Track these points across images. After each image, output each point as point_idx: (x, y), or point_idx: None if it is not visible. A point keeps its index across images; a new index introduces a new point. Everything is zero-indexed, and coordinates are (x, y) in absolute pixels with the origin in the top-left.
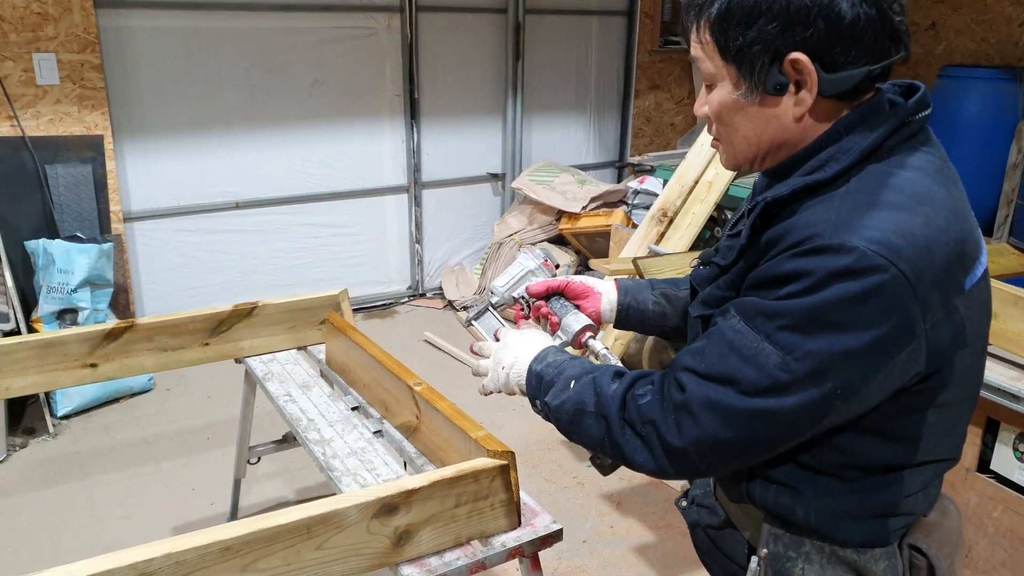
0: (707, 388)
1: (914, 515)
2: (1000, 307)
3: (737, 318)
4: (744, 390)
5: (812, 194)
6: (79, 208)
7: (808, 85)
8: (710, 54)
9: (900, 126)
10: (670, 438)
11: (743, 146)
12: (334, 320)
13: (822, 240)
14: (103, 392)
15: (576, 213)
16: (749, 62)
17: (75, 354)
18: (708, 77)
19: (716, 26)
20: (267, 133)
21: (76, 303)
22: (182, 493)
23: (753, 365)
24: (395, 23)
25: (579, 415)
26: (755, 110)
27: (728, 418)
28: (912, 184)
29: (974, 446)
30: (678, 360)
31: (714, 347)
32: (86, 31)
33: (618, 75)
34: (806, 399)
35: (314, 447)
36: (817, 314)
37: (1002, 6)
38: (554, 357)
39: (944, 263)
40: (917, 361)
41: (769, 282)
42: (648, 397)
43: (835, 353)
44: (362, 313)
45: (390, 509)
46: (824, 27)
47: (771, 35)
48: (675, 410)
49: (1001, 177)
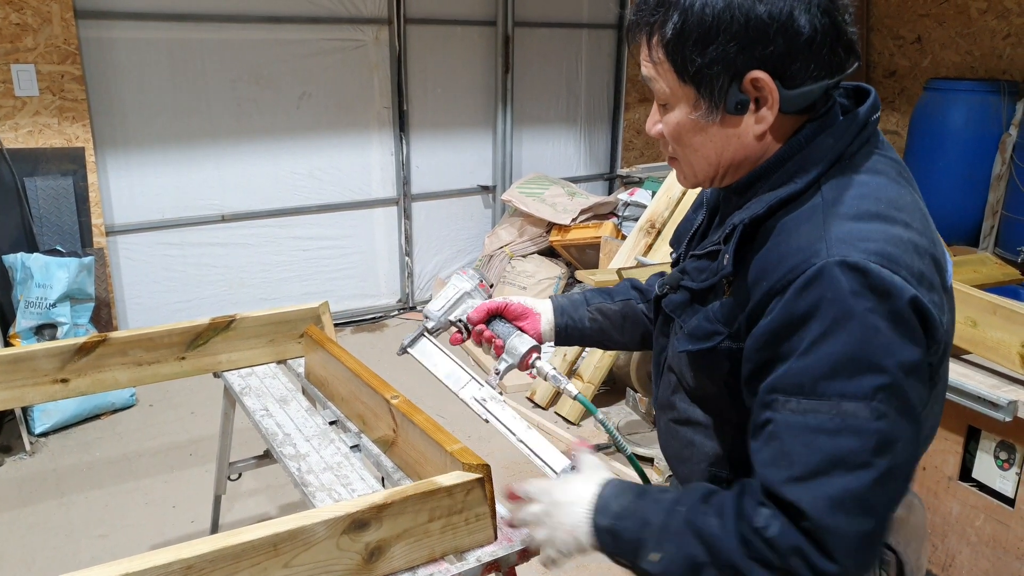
0: (818, 487)
1: None
2: (980, 315)
3: (795, 400)
4: (855, 463)
5: (785, 207)
6: (59, 221)
7: (769, 103)
8: (664, 75)
9: (860, 130)
10: (824, 566)
11: (703, 165)
12: (312, 333)
13: (821, 260)
14: (83, 409)
15: (566, 225)
16: (708, 82)
17: (45, 369)
18: (662, 97)
19: (671, 47)
20: (254, 145)
21: (55, 318)
22: (162, 510)
23: (847, 433)
24: (383, 35)
25: (692, 570)
26: (715, 130)
27: (861, 506)
28: (883, 190)
29: (956, 454)
30: (767, 480)
31: (793, 442)
32: (66, 42)
33: (608, 88)
34: (908, 433)
35: (289, 462)
36: (867, 345)
37: (986, 20)
38: (617, 504)
39: (929, 264)
40: (938, 353)
41: (789, 328)
42: (776, 526)
43: (906, 372)
44: (351, 326)
45: (360, 525)
46: (783, 43)
47: (730, 54)
48: (813, 537)
49: (986, 188)
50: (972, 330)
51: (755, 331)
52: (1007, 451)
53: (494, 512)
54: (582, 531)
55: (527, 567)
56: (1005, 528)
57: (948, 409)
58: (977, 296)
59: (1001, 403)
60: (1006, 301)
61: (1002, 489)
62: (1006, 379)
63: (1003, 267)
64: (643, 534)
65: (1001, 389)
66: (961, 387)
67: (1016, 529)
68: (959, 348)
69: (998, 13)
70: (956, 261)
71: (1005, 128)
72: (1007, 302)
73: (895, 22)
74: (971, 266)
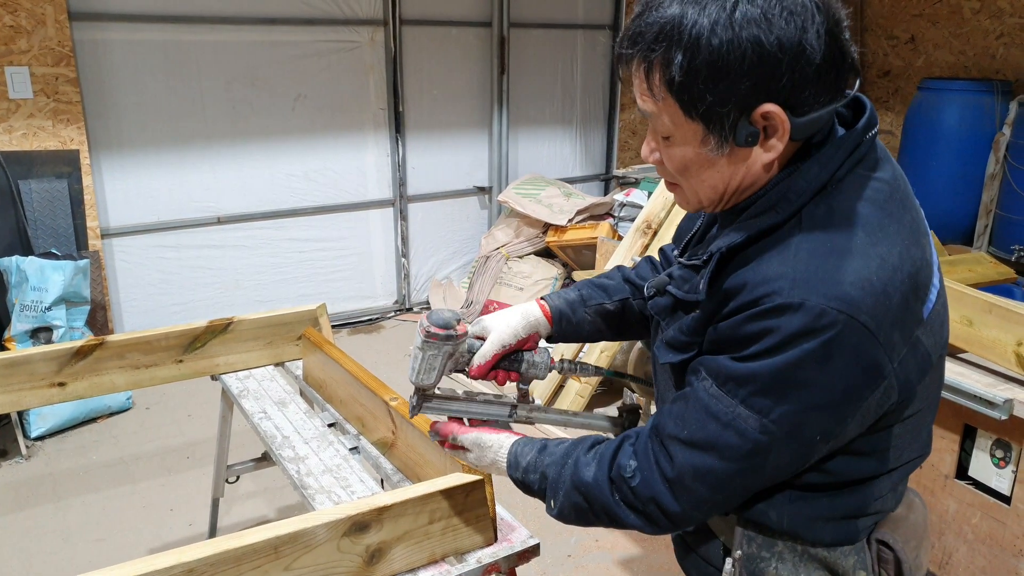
0: (693, 456)
1: (883, 513)
2: (976, 314)
3: (710, 381)
4: (728, 455)
5: (765, 236)
6: (54, 224)
7: (780, 133)
8: (667, 111)
9: (849, 154)
10: (672, 509)
11: (708, 194)
12: (311, 335)
13: (781, 299)
14: (79, 412)
15: (563, 226)
16: (718, 119)
17: (42, 373)
18: (664, 131)
19: (678, 87)
20: (250, 147)
21: (51, 321)
22: (159, 514)
23: (732, 430)
24: (379, 36)
25: (579, 515)
26: (723, 162)
27: (718, 484)
28: (864, 221)
29: (952, 453)
30: (661, 425)
31: (692, 412)
32: (60, 44)
33: (603, 88)
34: (788, 452)
35: (288, 465)
36: (784, 376)
37: (979, 20)
38: (525, 460)
39: (901, 302)
40: (890, 396)
41: (733, 343)
42: (638, 477)
43: (809, 410)
44: (347, 328)
45: (361, 527)
46: (793, 74)
47: (742, 90)
48: (670, 484)
49: (980, 187)
50: (968, 329)
51: (711, 329)
52: (1003, 449)
53: (494, 514)
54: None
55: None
56: (1001, 526)
57: (944, 408)
58: (972, 295)
59: (997, 401)
60: (1001, 300)
61: (998, 487)
62: (1002, 378)
63: (997, 266)
64: (543, 485)
65: (997, 388)
66: (957, 386)
67: (1012, 526)
68: (955, 347)
69: (991, 13)
70: (950, 260)
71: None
72: (1002, 301)
73: (889, 22)
74: (966, 265)
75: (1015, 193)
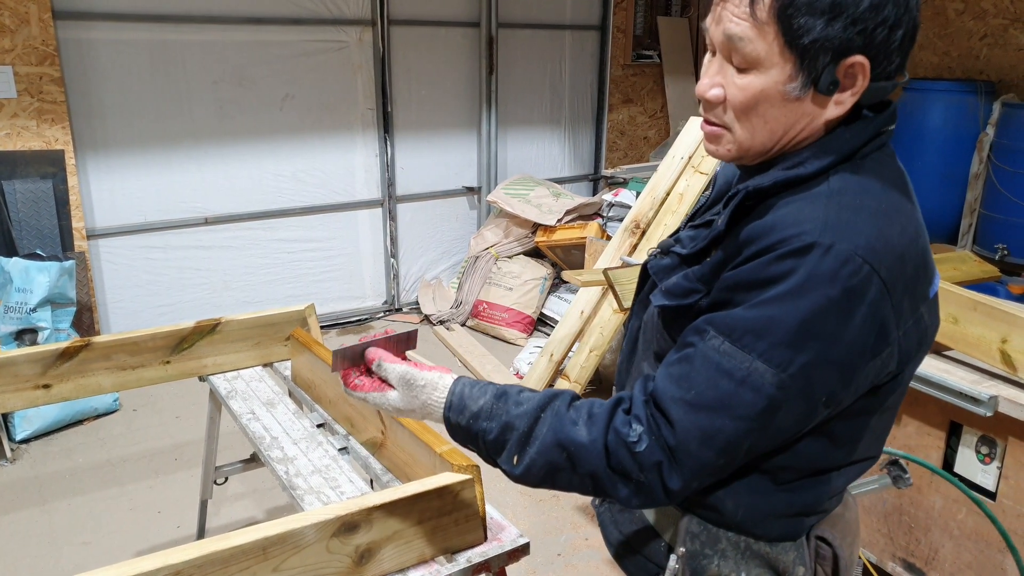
0: (700, 418)
1: (827, 512)
2: (961, 312)
3: (720, 339)
4: (740, 414)
5: (791, 189)
6: (39, 225)
7: (855, 89)
8: (765, 37)
9: (875, 136)
10: (672, 482)
11: (763, 139)
12: (299, 335)
13: (811, 238)
14: (65, 414)
15: (552, 226)
16: (814, 57)
17: (26, 375)
18: (747, 60)
19: (789, 11)
20: (237, 147)
21: (36, 323)
22: (147, 516)
23: (748, 387)
24: (367, 36)
25: (552, 474)
26: (795, 106)
27: (726, 446)
28: (887, 193)
29: (938, 449)
30: (662, 390)
31: (700, 372)
32: (44, 43)
33: (592, 89)
34: (795, 411)
35: (277, 466)
36: (805, 325)
37: (963, 21)
38: (475, 404)
39: (913, 272)
40: (889, 364)
41: (753, 284)
42: (644, 443)
43: (824, 364)
44: (336, 329)
45: (350, 527)
46: (890, 36)
47: (848, 34)
48: (671, 451)
49: (964, 187)
50: (953, 327)
51: (726, 274)
52: (988, 445)
53: (484, 513)
54: (437, 421)
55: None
56: (987, 521)
57: (930, 404)
58: (957, 293)
59: (982, 398)
60: (986, 298)
61: (983, 483)
62: (987, 374)
63: (982, 264)
64: (505, 437)
65: (982, 384)
66: (943, 383)
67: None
68: (941, 344)
69: (975, 14)
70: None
71: (982, 127)
72: (987, 299)
73: None
74: (951, 263)
75: (999, 192)
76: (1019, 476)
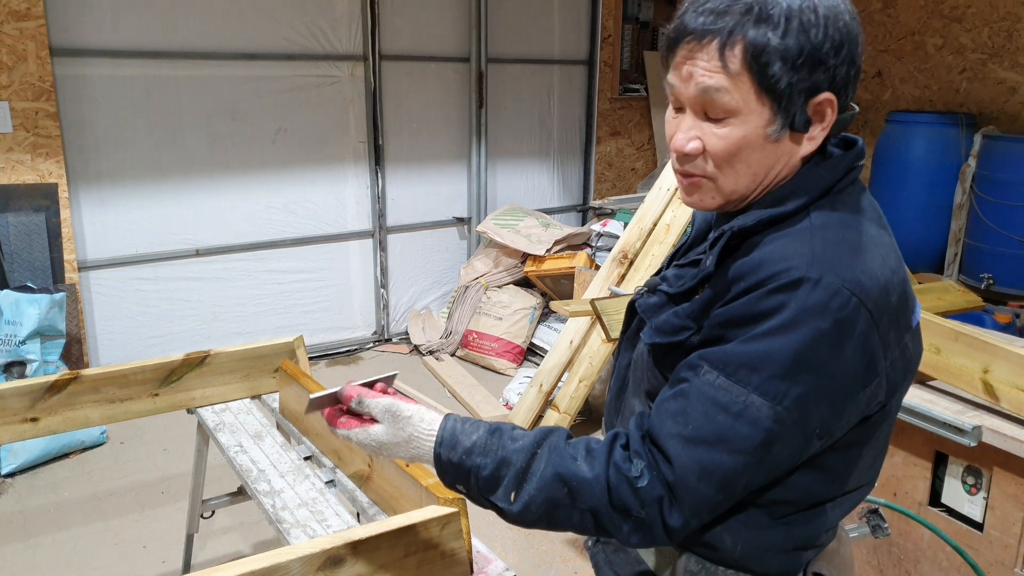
0: (698, 453)
1: (824, 546)
2: (943, 342)
3: (715, 373)
4: (738, 448)
5: (774, 226)
6: (31, 257)
7: (824, 124)
8: (741, 88)
9: (847, 171)
10: (672, 519)
11: (747, 183)
12: (287, 367)
13: (799, 273)
14: (51, 447)
15: (541, 256)
16: (789, 100)
17: (14, 408)
18: (723, 110)
19: (760, 60)
20: (229, 180)
21: (25, 355)
22: (133, 551)
23: (744, 420)
24: (359, 71)
25: (551, 511)
26: (775, 147)
27: (724, 481)
28: (865, 227)
29: (925, 480)
30: (658, 426)
31: (696, 407)
32: (41, 79)
33: (580, 122)
34: (791, 445)
35: (264, 499)
36: (798, 358)
37: (943, 55)
38: (468, 440)
39: (897, 302)
40: (878, 394)
41: (745, 319)
42: (646, 479)
43: (818, 396)
44: (326, 360)
45: (336, 561)
46: (848, 71)
47: (818, 75)
48: (671, 488)
49: (947, 217)
50: (936, 357)
51: (716, 311)
52: (974, 476)
53: (470, 546)
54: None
55: None
56: (975, 552)
57: (916, 434)
58: (939, 323)
59: (966, 428)
60: (968, 328)
61: (970, 514)
62: (970, 404)
63: (966, 294)
64: (501, 473)
65: (966, 415)
66: (927, 413)
67: (985, 553)
68: (924, 375)
69: (954, 49)
70: (920, 289)
71: (964, 159)
72: (969, 328)
73: None
74: (935, 293)
75: (982, 222)
76: (1005, 507)
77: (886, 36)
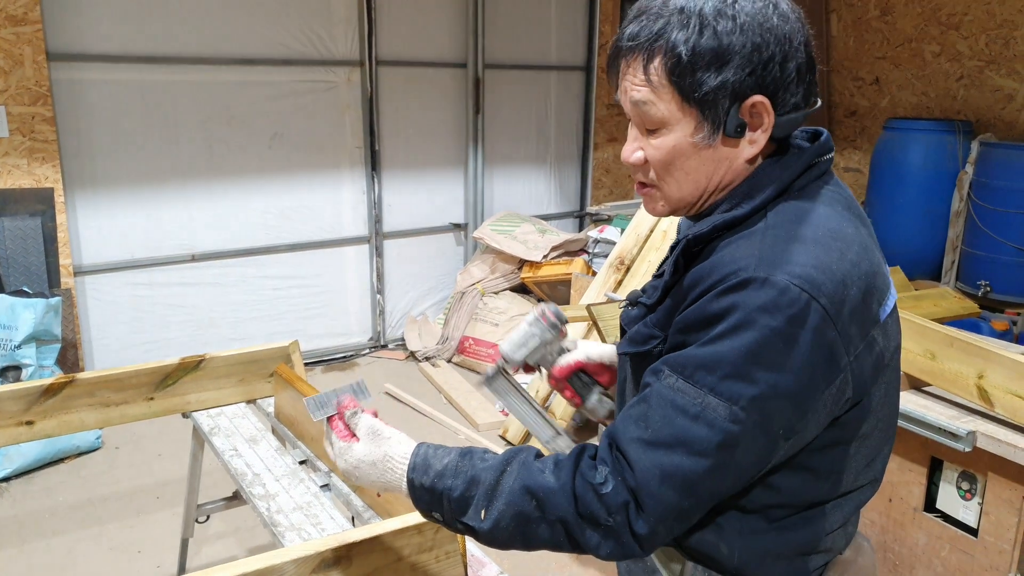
0: (658, 456)
1: (833, 552)
2: (938, 348)
3: (674, 377)
4: (697, 450)
5: (731, 230)
6: (26, 262)
7: (764, 126)
8: (663, 98)
9: (809, 167)
10: (638, 526)
11: (690, 190)
12: (282, 372)
13: (747, 274)
14: (46, 452)
15: (538, 262)
16: (713, 106)
17: (9, 411)
18: (655, 122)
19: (678, 71)
20: (225, 185)
21: (20, 360)
22: (127, 556)
23: (702, 422)
24: (355, 77)
25: (522, 526)
26: (709, 153)
27: (686, 485)
28: (825, 220)
29: (920, 485)
30: (621, 432)
31: (655, 411)
32: (38, 84)
33: (577, 128)
34: (755, 447)
35: (259, 502)
36: (752, 357)
37: (940, 62)
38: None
39: (859, 296)
40: (845, 391)
41: (699, 323)
42: (610, 485)
43: (775, 395)
44: (322, 365)
45: (330, 563)
46: (782, 70)
47: (739, 78)
48: (634, 493)
49: (946, 223)
50: (931, 362)
51: (677, 318)
52: (968, 481)
53: (464, 550)
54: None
55: None
56: (969, 558)
57: (911, 440)
58: (934, 329)
59: (960, 433)
60: (962, 333)
61: (965, 519)
62: (965, 410)
63: (962, 300)
64: (471, 492)
65: (960, 420)
66: (922, 418)
67: (980, 559)
68: (919, 380)
69: (951, 56)
70: (916, 295)
71: (961, 166)
72: (963, 334)
73: (854, 64)
74: (931, 300)
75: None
76: (999, 512)
77: (883, 43)
